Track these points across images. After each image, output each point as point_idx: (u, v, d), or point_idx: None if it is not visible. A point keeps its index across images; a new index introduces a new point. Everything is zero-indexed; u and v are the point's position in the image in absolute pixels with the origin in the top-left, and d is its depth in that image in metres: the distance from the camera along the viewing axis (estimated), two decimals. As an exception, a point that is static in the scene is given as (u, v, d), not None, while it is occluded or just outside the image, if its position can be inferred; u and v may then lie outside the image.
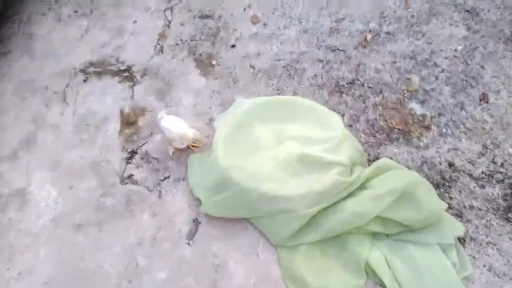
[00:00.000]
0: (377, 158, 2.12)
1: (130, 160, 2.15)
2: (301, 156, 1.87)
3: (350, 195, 1.86)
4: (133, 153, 2.18)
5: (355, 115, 2.29)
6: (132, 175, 2.10)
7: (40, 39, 2.67)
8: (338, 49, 2.58)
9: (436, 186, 2.02)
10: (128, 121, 2.30)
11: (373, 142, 2.19)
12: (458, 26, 2.64)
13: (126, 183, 2.07)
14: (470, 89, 2.36)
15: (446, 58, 2.50)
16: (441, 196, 1.98)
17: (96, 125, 2.29)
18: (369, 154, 2.14)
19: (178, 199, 1.99)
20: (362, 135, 2.22)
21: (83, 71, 2.52)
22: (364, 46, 2.58)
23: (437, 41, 2.57)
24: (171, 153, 2.14)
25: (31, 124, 2.29)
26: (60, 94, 2.41)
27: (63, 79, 2.47)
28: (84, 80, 2.48)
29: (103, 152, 2.18)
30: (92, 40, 2.68)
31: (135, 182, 2.07)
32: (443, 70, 2.44)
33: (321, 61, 2.53)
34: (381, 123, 2.26)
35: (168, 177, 2.08)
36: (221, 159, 1.88)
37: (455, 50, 2.53)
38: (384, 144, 2.18)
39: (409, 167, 2.08)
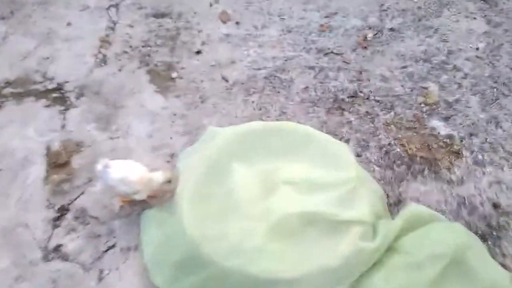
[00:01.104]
0: (399, 201, 1.54)
1: (58, 222, 1.48)
2: (304, 215, 1.25)
3: (375, 264, 1.26)
4: (63, 210, 1.50)
5: (364, 140, 1.70)
6: (60, 245, 1.43)
7: None
8: (332, 52, 1.98)
9: (482, 238, 1.45)
10: (57, 163, 1.62)
11: (392, 178, 1.60)
12: (475, 18, 2.09)
13: (52, 259, 1.40)
14: (503, 99, 1.81)
15: (467, 59, 1.94)
16: (490, 252, 1.42)
17: (13, 171, 1.59)
18: (388, 195, 1.55)
19: (128, 280, 1.34)
20: (376, 167, 1.63)
21: (-4, 93, 1.81)
22: (365, 47, 1.99)
23: (453, 38, 2.01)
24: (117, 208, 1.49)
25: None
26: (-38, 127, 1.70)
27: (-33, 106, 1.76)
28: (-2, 106, 1.78)
29: (20, 211, 1.50)
30: (11, 50, 1.97)
31: (65, 257, 1.40)
32: (466, 75, 1.88)
33: (312, 68, 1.92)
34: (398, 150, 1.67)
35: (114, 246, 1.42)
36: (188, 225, 1.24)
37: (477, 49, 1.97)
38: (406, 179, 1.59)
39: (442, 212, 1.50)
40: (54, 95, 1.82)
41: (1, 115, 1.76)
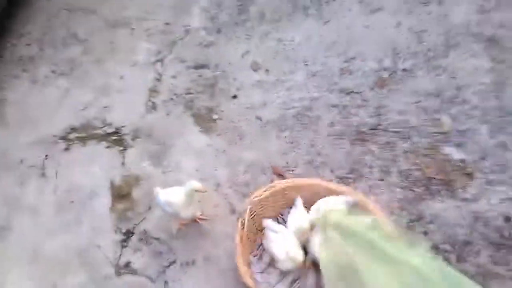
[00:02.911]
0: (421, 217, 1.84)
1: (126, 243, 1.82)
2: None
3: None
4: (128, 233, 1.85)
5: (385, 166, 2.02)
6: (129, 262, 1.76)
7: (14, 104, 2.39)
8: (353, 91, 2.35)
9: (496, 247, 1.72)
10: (120, 194, 1.99)
11: (412, 198, 1.90)
12: (480, 57, 2.44)
13: (123, 274, 1.73)
14: (510, 127, 2.12)
15: (474, 93, 2.27)
16: (505, 260, 1.68)
17: (82, 202, 1.97)
18: (409, 213, 1.84)
19: (189, 289, 1.66)
20: (397, 189, 1.94)
21: (64, 138, 2.23)
22: (382, 86, 2.36)
23: (461, 75, 2.36)
24: (175, 231, 1.82)
25: (4, 207, 1.95)
26: (37, 167, 2.10)
27: (41, 150, 2.17)
28: (66, 149, 2.18)
29: (92, 235, 1.85)
30: (73, 102, 2.41)
31: (134, 272, 1.73)
32: (475, 107, 2.21)
33: (336, 106, 2.28)
34: (417, 174, 1.98)
35: (174, 261, 1.75)
36: None
37: (483, 83, 2.31)
38: (425, 198, 1.90)
39: (460, 225, 1.78)
40: (113, 137, 2.23)
41: (69, 156, 2.16)
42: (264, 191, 1.74)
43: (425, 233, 1.78)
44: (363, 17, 2.74)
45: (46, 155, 2.14)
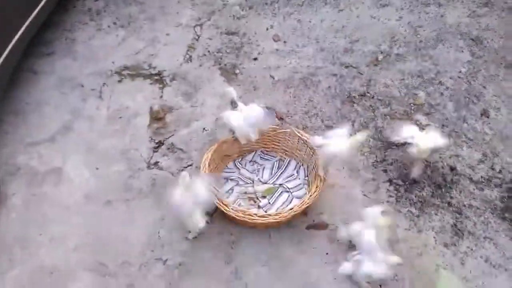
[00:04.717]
0: (384, 160, 2.33)
1: (156, 150, 2.38)
2: None
3: None
4: (160, 143, 2.41)
5: (365, 122, 2.52)
6: (158, 162, 2.32)
7: (81, 44, 3.00)
8: (351, 66, 2.85)
9: (438, 186, 2.20)
10: (156, 117, 2.55)
11: (381, 146, 2.40)
12: (463, 51, 2.91)
13: (152, 168, 2.29)
14: (472, 105, 2.58)
15: (450, 78, 2.74)
16: (442, 196, 2.16)
17: (128, 119, 2.54)
18: (376, 156, 2.34)
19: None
20: (371, 139, 2.43)
21: (118, 73, 2.81)
22: (375, 65, 2.85)
23: (443, 63, 2.83)
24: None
25: (69, 114, 2.55)
26: (96, 91, 2.69)
27: (100, 79, 2.76)
28: (119, 81, 2.77)
29: (132, 141, 2.42)
30: (128, 48, 3.00)
31: (160, 168, 2.29)
32: (447, 88, 2.69)
33: (335, 75, 2.79)
34: (388, 131, 2.47)
35: (191, 165, 2.30)
36: None
37: (459, 71, 2.78)
38: (390, 148, 2.38)
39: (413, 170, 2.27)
40: (156, 77, 2.80)
41: (120, 86, 2.74)
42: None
43: (385, 171, 2.27)
44: (372, 9, 3.25)
45: (104, 83, 2.73)
